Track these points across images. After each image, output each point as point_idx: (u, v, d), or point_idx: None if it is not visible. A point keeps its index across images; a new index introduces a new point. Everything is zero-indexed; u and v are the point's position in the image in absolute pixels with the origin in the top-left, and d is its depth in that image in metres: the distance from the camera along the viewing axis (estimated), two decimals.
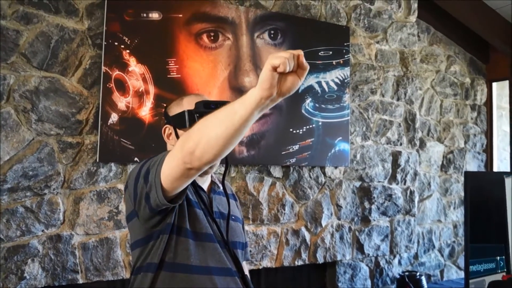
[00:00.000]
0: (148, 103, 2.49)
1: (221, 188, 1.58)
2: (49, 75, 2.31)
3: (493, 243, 2.33)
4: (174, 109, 1.50)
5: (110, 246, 2.40)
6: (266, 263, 2.82)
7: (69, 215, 2.33)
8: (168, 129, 1.52)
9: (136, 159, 2.44)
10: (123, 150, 2.42)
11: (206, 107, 1.43)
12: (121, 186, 2.45)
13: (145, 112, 2.48)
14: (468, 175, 2.52)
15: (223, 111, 1.11)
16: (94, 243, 2.37)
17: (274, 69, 1.01)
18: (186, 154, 1.15)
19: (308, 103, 2.96)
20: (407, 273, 2.74)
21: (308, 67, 1.06)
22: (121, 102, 2.43)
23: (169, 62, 2.55)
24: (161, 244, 1.36)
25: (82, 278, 2.34)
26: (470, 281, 2.24)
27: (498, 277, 2.30)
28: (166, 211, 1.32)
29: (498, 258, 2.31)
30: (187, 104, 1.48)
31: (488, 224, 2.35)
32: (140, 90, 2.47)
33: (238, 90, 2.73)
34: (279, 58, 1.01)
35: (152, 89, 2.50)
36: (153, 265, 1.37)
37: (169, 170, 1.21)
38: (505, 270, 2.32)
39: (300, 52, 1.04)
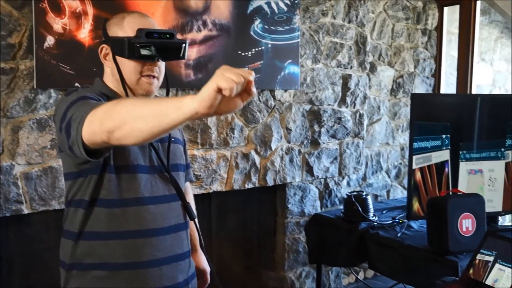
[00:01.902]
0: (87, 25, 2.35)
1: None
2: None
3: (439, 121, 2.43)
4: (114, 30, 1.40)
5: (54, 175, 2.34)
6: (216, 187, 2.84)
7: (8, 145, 2.24)
8: (105, 49, 1.42)
9: (77, 84, 2.33)
10: (63, 75, 2.30)
11: (148, 37, 1.35)
12: None
13: (84, 34, 2.34)
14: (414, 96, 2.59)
15: (154, 107, 1.05)
16: (38, 173, 2.31)
17: (219, 90, 0.93)
18: (104, 131, 1.09)
19: (257, 24, 2.87)
20: (354, 193, 2.82)
21: (255, 95, 1.00)
22: (57, 23, 2.27)
23: None
24: (91, 183, 1.33)
25: (27, 208, 2.29)
26: (419, 156, 2.36)
27: (443, 154, 2.42)
28: None
29: (444, 136, 2.42)
30: (128, 26, 1.38)
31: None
32: (77, 11, 2.31)
33: (184, 12, 2.60)
34: (227, 81, 0.93)
35: (90, 10, 2.35)
36: (84, 202, 1.35)
37: (88, 135, 1.14)
38: (450, 147, 2.44)
39: (251, 78, 0.96)
